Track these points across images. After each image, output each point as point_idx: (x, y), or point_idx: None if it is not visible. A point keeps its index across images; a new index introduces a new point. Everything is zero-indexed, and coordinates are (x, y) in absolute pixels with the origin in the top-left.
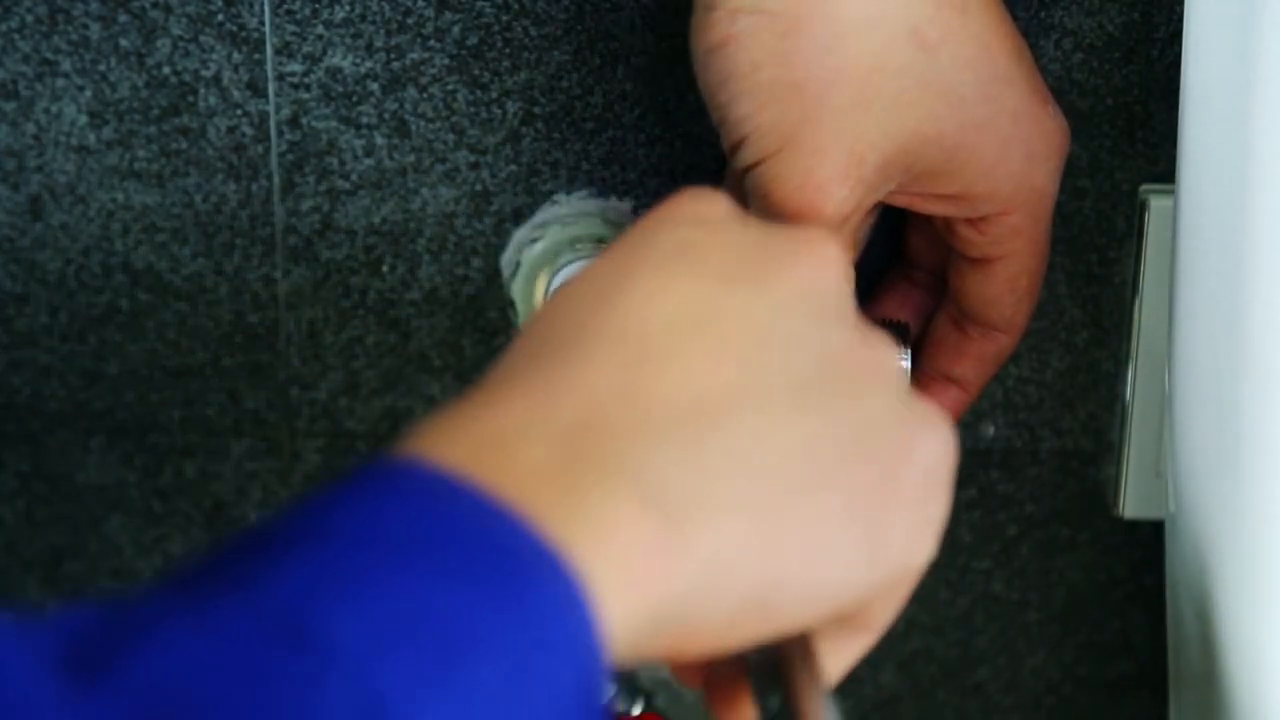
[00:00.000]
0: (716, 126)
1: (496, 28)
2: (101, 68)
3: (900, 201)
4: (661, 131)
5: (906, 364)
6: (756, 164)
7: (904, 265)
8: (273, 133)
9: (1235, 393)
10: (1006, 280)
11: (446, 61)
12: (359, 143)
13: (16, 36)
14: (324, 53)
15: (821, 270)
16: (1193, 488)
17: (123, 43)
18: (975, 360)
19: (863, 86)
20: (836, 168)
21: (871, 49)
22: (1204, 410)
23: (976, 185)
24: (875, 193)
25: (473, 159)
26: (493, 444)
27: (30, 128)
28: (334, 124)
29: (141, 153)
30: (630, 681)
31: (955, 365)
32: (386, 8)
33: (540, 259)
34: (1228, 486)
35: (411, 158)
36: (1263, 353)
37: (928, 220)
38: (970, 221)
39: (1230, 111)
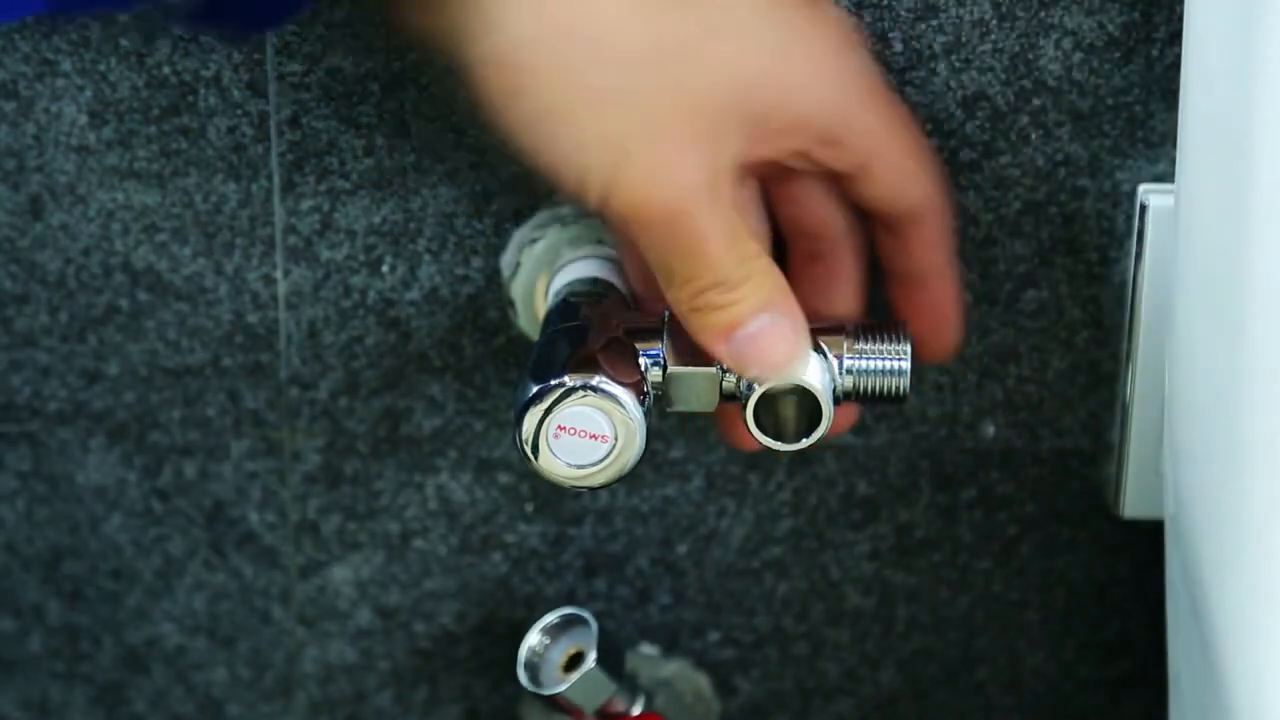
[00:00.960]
0: (543, 175)
1: None
2: (101, 68)
3: (764, 171)
4: None
5: (906, 364)
6: (607, 191)
7: (809, 245)
8: (273, 133)
9: (1235, 393)
10: (894, 170)
11: (447, 61)
12: (359, 143)
13: (16, 36)
14: (324, 53)
15: None
16: (1193, 488)
17: (123, 43)
18: (923, 248)
19: (655, 62)
20: (675, 145)
21: (643, 25)
22: (1204, 410)
23: (809, 105)
24: (724, 153)
25: (472, 159)
26: None
27: (30, 128)
28: (334, 124)
29: (141, 153)
30: (630, 681)
31: (909, 262)
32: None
33: (540, 259)
34: (1228, 486)
35: (411, 158)
36: (1262, 353)
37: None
38: (828, 144)
39: (1230, 111)
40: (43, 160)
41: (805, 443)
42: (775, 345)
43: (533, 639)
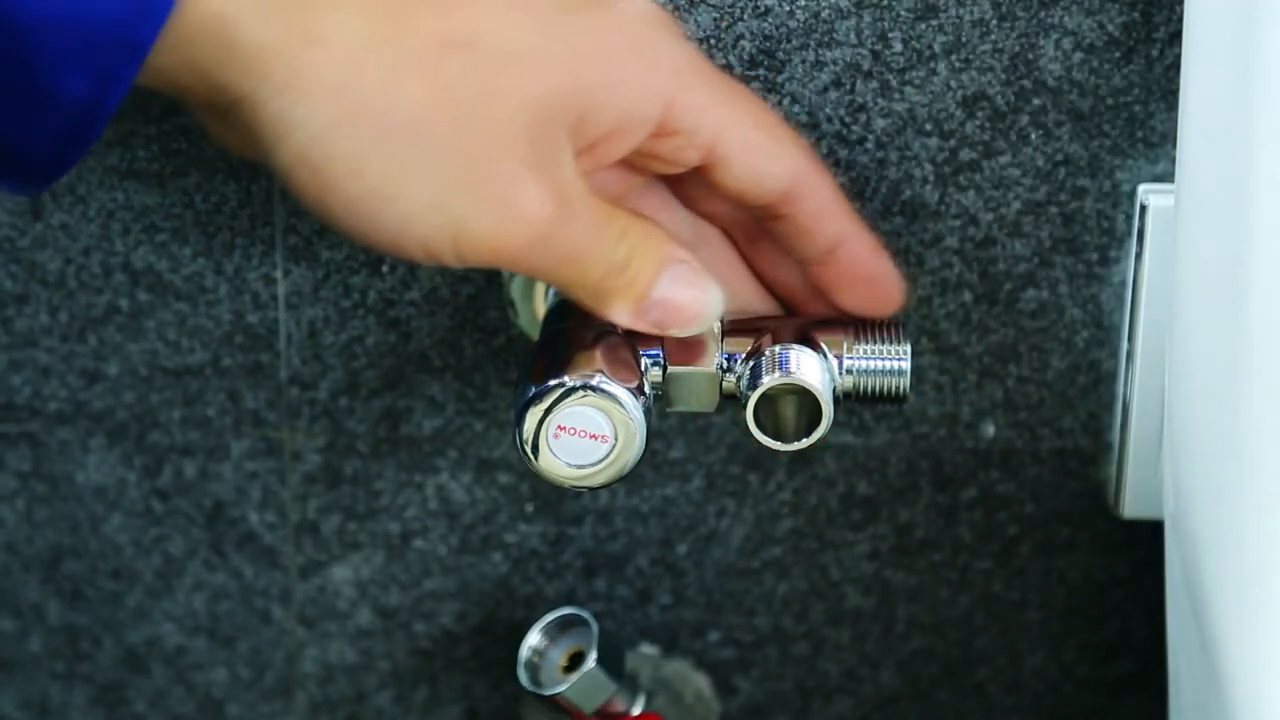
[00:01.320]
0: (387, 253)
1: None
2: None
3: (611, 177)
4: None
5: (907, 364)
6: (457, 251)
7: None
8: None
9: (1235, 393)
10: (744, 148)
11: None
12: None
13: None
14: None
15: None
16: (1192, 488)
17: None
18: (814, 221)
19: (448, 111)
20: (502, 184)
21: (422, 80)
22: (1204, 410)
23: (625, 102)
24: (558, 167)
25: None
26: None
27: None
28: None
29: (141, 153)
30: (630, 681)
31: (809, 242)
32: None
33: None
34: (1227, 486)
35: None
36: (1262, 353)
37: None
38: (665, 135)
39: (1230, 111)
40: None
41: (805, 443)
42: (684, 299)
43: (533, 639)
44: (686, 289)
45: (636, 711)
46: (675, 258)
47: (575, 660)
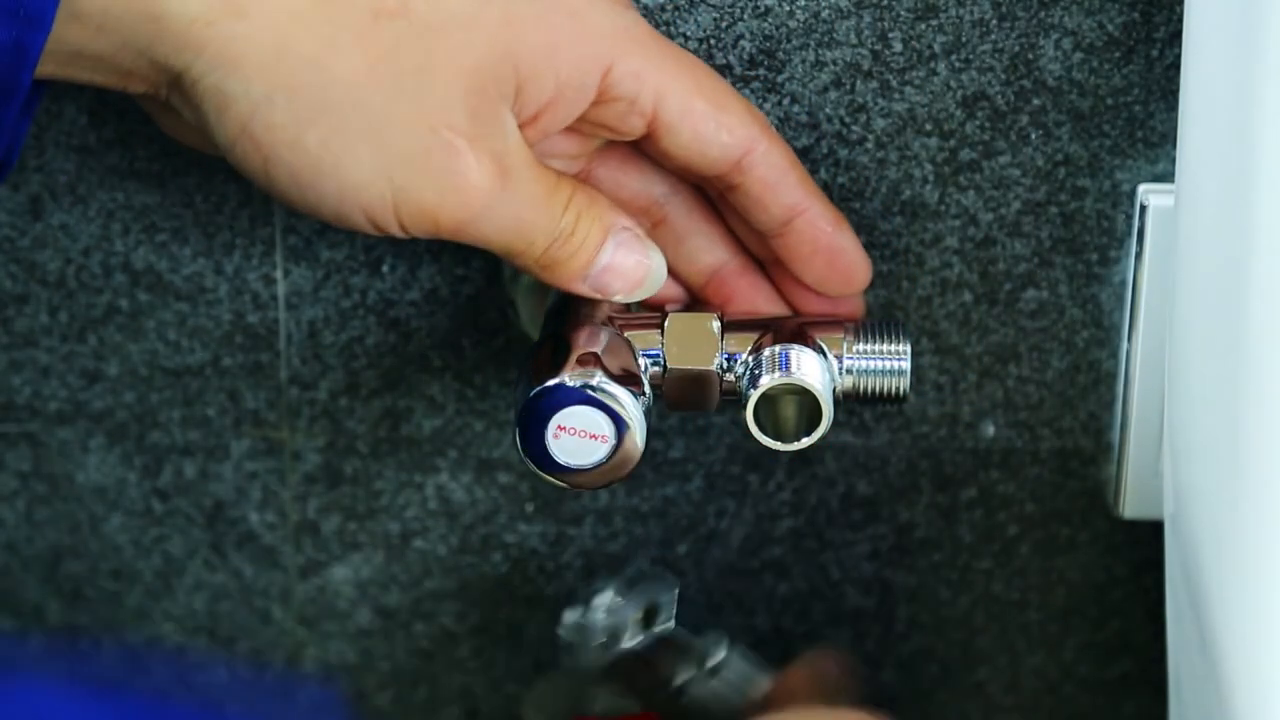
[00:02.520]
0: (338, 225)
1: None
2: None
3: (558, 142)
4: None
5: (907, 364)
6: (399, 221)
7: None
8: None
9: (1234, 393)
10: (689, 113)
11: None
12: None
13: None
14: None
15: None
16: (1192, 488)
17: None
18: (769, 190)
19: (385, 77)
20: (443, 152)
21: (356, 47)
22: (1203, 410)
23: (565, 66)
24: (499, 133)
25: None
26: None
27: (30, 128)
28: None
29: (141, 153)
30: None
31: (765, 211)
32: None
33: None
34: (1227, 486)
35: None
36: (1262, 352)
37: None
38: (608, 101)
39: (1230, 111)
40: (43, 160)
41: (805, 442)
42: (628, 265)
43: (603, 597)
44: (630, 255)
45: (636, 710)
46: (619, 225)
47: (649, 618)
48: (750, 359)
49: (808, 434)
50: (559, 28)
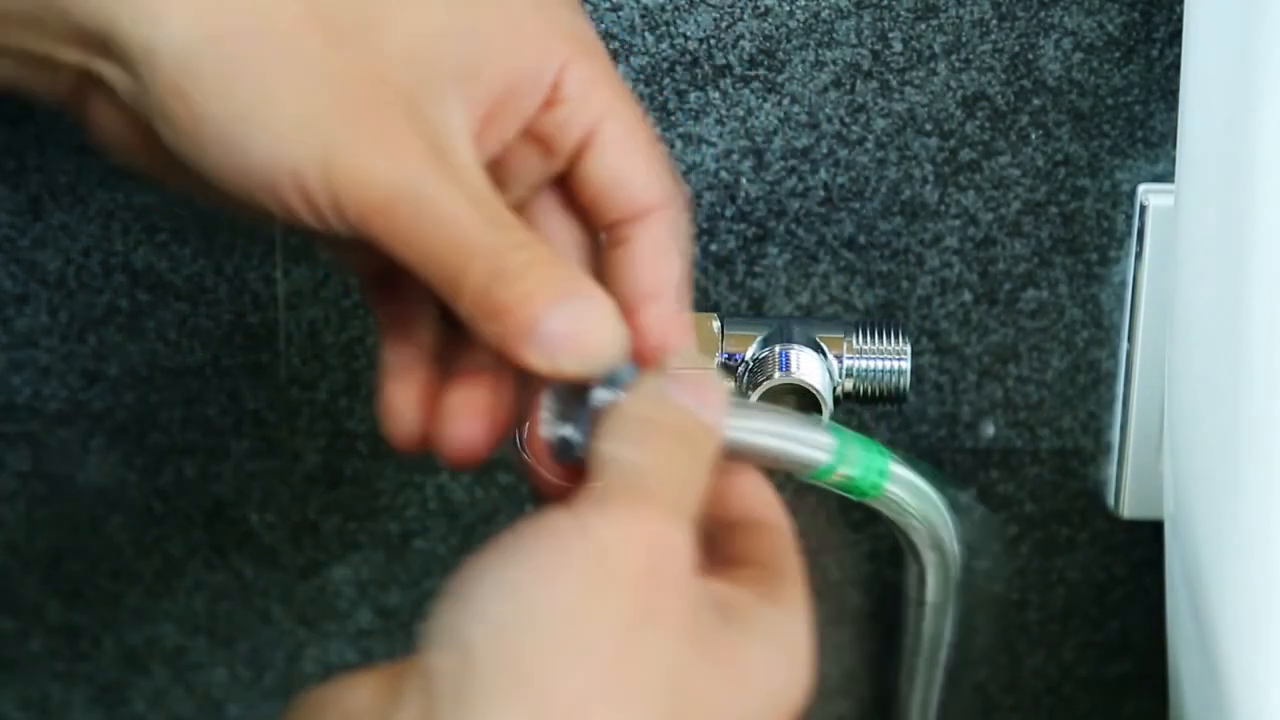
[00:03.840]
0: (270, 206)
1: None
2: None
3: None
4: (661, 131)
5: (907, 364)
6: (327, 189)
7: None
8: None
9: (1234, 393)
10: (626, 137)
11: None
12: None
13: None
14: None
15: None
16: (1192, 488)
17: None
18: (653, 256)
19: (328, 34)
20: (380, 118)
21: (299, 31)
22: (1203, 410)
23: (521, 58)
24: (446, 118)
25: None
26: None
27: (30, 128)
28: None
29: None
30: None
31: (635, 274)
32: None
33: None
34: (1227, 486)
35: None
36: (1262, 353)
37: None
38: (553, 105)
39: (1230, 111)
40: (43, 160)
41: None
42: (575, 335)
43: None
44: (595, 326)
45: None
46: (585, 288)
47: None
48: (750, 359)
49: None
50: (523, 17)
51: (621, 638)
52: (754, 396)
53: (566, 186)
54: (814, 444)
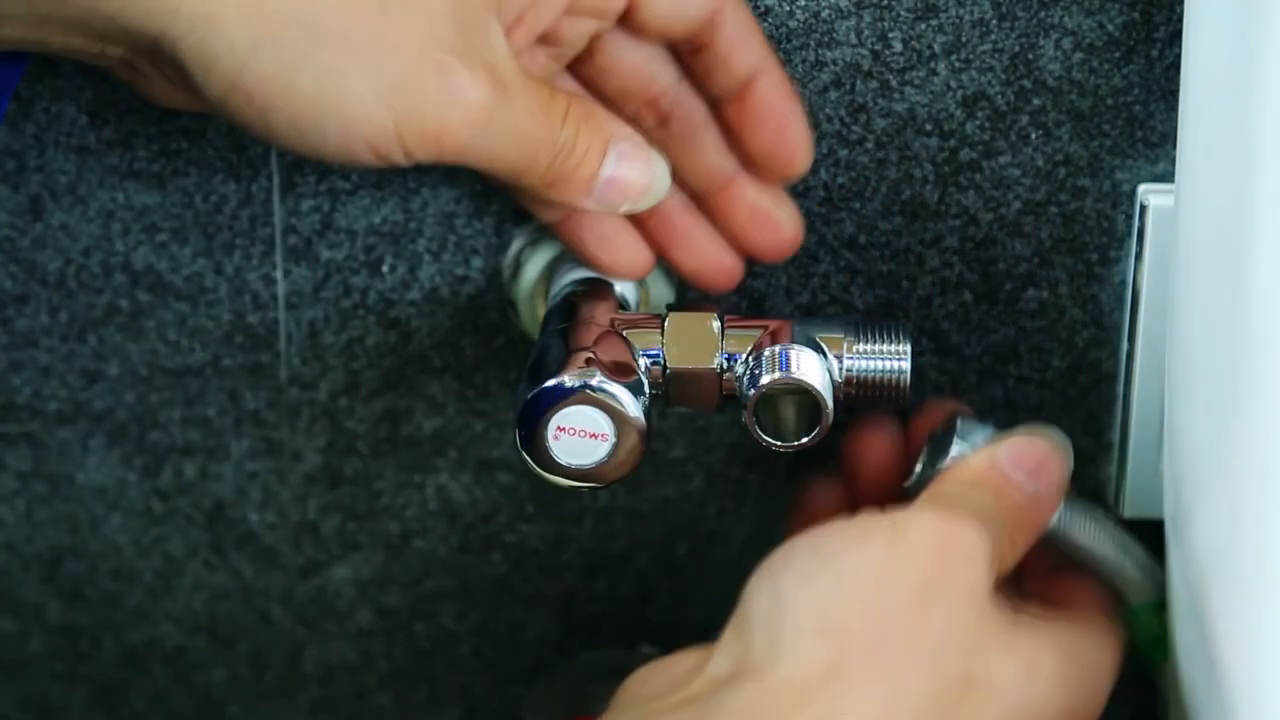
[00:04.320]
0: (347, 163)
1: None
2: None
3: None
4: None
5: (906, 364)
6: (402, 146)
7: None
8: None
9: (1235, 392)
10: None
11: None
12: None
13: None
14: None
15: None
16: (1193, 488)
17: None
18: (733, 48)
19: (369, 3)
20: (437, 67)
21: None
22: (1203, 410)
23: None
24: (490, 43)
25: None
26: None
27: (30, 128)
28: None
29: (141, 153)
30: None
31: (725, 71)
32: None
33: (540, 259)
34: (1228, 486)
35: None
36: (1262, 353)
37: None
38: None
39: (1230, 111)
40: (43, 160)
41: (805, 442)
42: (632, 176)
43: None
44: (634, 164)
45: None
46: (619, 135)
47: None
48: (750, 359)
49: (808, 434)
50: None
51: (915, 598)
52: (754, 396)
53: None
54: (1151, 573)
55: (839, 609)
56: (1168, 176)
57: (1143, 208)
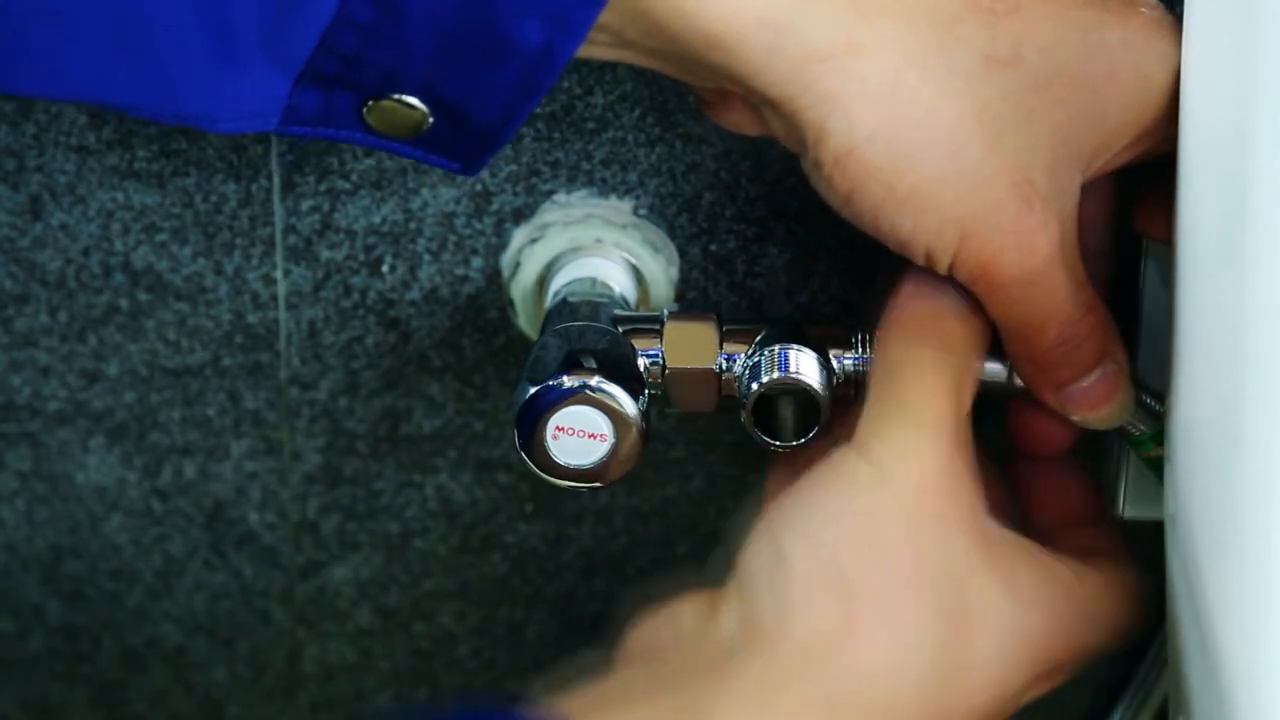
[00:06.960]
0: (886, 242)
1: None
2: None
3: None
4: (661, 131)
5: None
6: (954, 265)
7: None
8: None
9: (1235, 392)
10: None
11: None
12: None
13: None
14: None
15: None
16: (1192, 488)
17: None
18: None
19: (983, 133)
20: (1015, 213)
21: (965, 94)
22: (1203, 410)
23: (1127, 115)
24: (1066, 202)
25: None
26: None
27: (30, 128)
28: None
29: (141, 153)
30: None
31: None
32: None
33: (540, 259)
34: (1228, 486)
35: None
36: (1262, 353)
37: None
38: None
39: (1230, 111)
40: (43, 160)
41: (805, 442)
42: (1104, 396)
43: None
44: (1110, 391)
45: None
46: (1114, 353)
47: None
48: (749, 359)
49: (807, 433)
50: (1149, 85)
51: (908, 534)
52: (753, 396)
53: None
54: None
55: (840, 560)
56: None
57: None
